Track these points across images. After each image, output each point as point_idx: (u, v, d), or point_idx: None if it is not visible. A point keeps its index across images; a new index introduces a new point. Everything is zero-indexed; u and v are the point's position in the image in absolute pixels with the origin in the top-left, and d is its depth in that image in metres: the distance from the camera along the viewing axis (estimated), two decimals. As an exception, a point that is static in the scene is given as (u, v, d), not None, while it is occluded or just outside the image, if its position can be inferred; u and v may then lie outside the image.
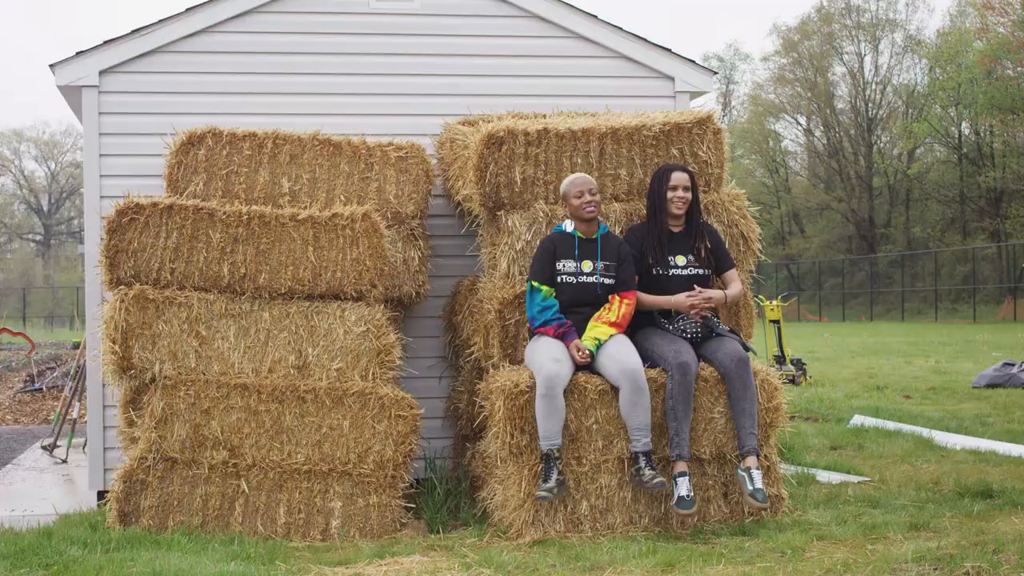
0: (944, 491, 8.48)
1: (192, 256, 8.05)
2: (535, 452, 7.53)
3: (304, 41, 9.37)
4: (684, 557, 6.70)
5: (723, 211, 8.39)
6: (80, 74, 9.02)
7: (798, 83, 69.01)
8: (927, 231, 59.83)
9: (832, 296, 59.49)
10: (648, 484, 7.34)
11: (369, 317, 8.08)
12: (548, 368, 7.38)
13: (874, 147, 64.76)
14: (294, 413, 7.89)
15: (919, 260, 57.85)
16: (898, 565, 6.26)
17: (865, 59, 65.96)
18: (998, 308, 48.05)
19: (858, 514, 7.75)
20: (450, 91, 9.48)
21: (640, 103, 9.43)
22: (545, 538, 7.40)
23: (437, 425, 9.29)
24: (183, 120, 8.88)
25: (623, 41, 9.70)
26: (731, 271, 8.14)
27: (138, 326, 7.87)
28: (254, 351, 8.03)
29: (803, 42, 67.92)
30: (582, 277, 7.79)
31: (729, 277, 8.13)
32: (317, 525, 7.88)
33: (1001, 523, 7.33)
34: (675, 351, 7.61)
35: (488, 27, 9.60)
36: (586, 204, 7.75)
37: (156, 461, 7.85)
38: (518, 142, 8.12)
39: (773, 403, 7.84)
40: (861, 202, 64.02)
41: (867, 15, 65.76)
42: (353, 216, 8.13)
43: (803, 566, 6.41)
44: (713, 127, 8.45)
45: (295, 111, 9.23)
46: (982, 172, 55.81)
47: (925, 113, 60.80)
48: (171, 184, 8.46)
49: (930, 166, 62.37)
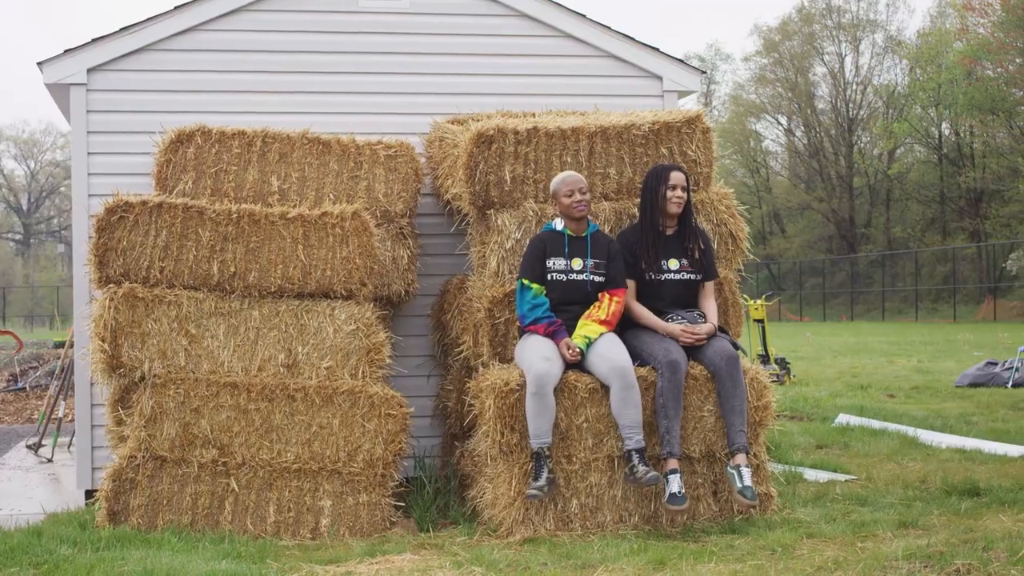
0: (931, 489, 8.52)
1: (182, 254, 8.03)
2: (525, 450, 7.53)
3: (293, 39, 9.36)
4: (675, 555, 6.71)
5: (712, 210, 8.41)
6: (68, 72, 8.99)
7: (779, 83, 69.24)
8: (907, 231, 60.06)
9: (813, 296, 59.67)
10: (643, 480, 7.35)
11: (359, 316, 8.08)
12: (538, 367, 7.39)
13: (855, 147, 64.99)
14: (284, 412, 7.88)
15: (899, 260, 58.06)
16: (888, 563, 6.28)
17: (846, 59, 66.27)
18: (978, 308, 48.29)
19: (847, 512, 7.78)
20: (439, 90, 9.48)
21: (628, 102, 9.45)
22: (535, 536, 7.41)
23: (426, 424, 9.29)
24: (172, 118, 8.87)
25: (611, 40, 9.72)
26: (710, 283, 8.12)
27: (127, 325, 7.85)
28: (244, 349, 8.02)
29: (784, 42, 68.15)
30: (572, 275, 7.80)
31: (707, 290, 8.10)
32: (307, 524, 7.87)
33: (989, 521, 7.36)
34: (665, 349, 7.62)
35: (477, 26, 9.60)
36: (576, 203, 7.76)
37: (145, 460, 7.83)
38: (508, 141, 8.13)
39: (762, 401, 7.86)
40: (841, 202, 64.24)
41: (848, 16, 66.03)
42: (343, 215, 8.13)
43: (794, 564, 6.43)
44: (702, 126, 8.47)
45: (284, 110, 9.22)
46: (962, 172, 56.06)
47: (905, 113, 61.05)
48: (160, 182, 8.44)
49: (910, 166, 62.62)
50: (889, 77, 65.77)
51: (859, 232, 63.38)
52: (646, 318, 7.90)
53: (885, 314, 52.64)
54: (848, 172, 64.64)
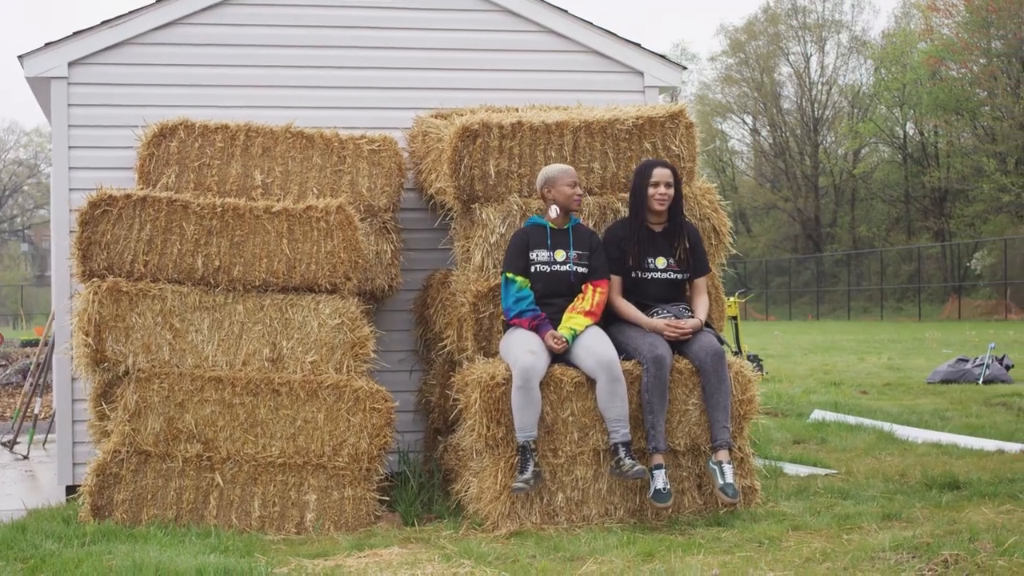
0: (911, 483, 8.58)
1: (166, 248, 8.00)
2: (511, 444, 7.54)
3: (276, 34, 9.33)
4: (663, 547, 6.72)
5: (695, 205, 8.45)
6: (49, 65, 8.94)
7: (745, 83, 69.46)
8: (872, 230, 60.37)
9: (779, 295, 59.92)
10: (629, 474, 7.37)
11: (343, 310, 8.07)
12: (524, 360, 7.40)
13: (820, 147, 65.28)
14: (269, 406, 7.87)
15: (865, 259, 58.37)
16: (876, 554, 6.32)
17: (811, 59, 66.51)
18: (943, 307, 48.58)
19: (830, 505, 7.82)
20: (421, 85, 9.47)
21: (610, 97, 9.46)
22: (521, 530, 7.41)
23: (408, 419, 9.28)
24: (154, 112, 8.83)
25: (593, 36, 9.74)
26: (702, 279, 8.14)
27: (111, 319, 7.82)
28: (228, 344, 8.00)
29: (750, 42, 68.37)
30: (556, 266, 7.82)
31: (698, 286, 8.13)
32: (292, 518, 7.86)
33: (971, 513, 7.42)
34: (650, 344, 7.64)
35: (459, 21, 9.60)
36: (577, 195, 7.82)
37: (130, 455, 7.80)
38: (493, 135, 8.13)
39: (747, 395, 7.89)
40: (807, 201, 64.53)
41: (813, 16, 66.31)
42: (328, 209, 8.11)
43: (783, 555, 6.47)
44: (685, 121, 8.49)
45: (267, 103, 9.19)
46: (927, 172, 56.41)
47: (870, 113, 61.40)
48: (143, 176, 8.40)
49: (875, 166, 63.00)
50: (854, 77, 66.18)
51: (824, 231, 63.69)
52: (630, 314, 7.91)
53: (851, 313, 52.90)
54: (813, 172, 64.94)
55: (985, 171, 48.80)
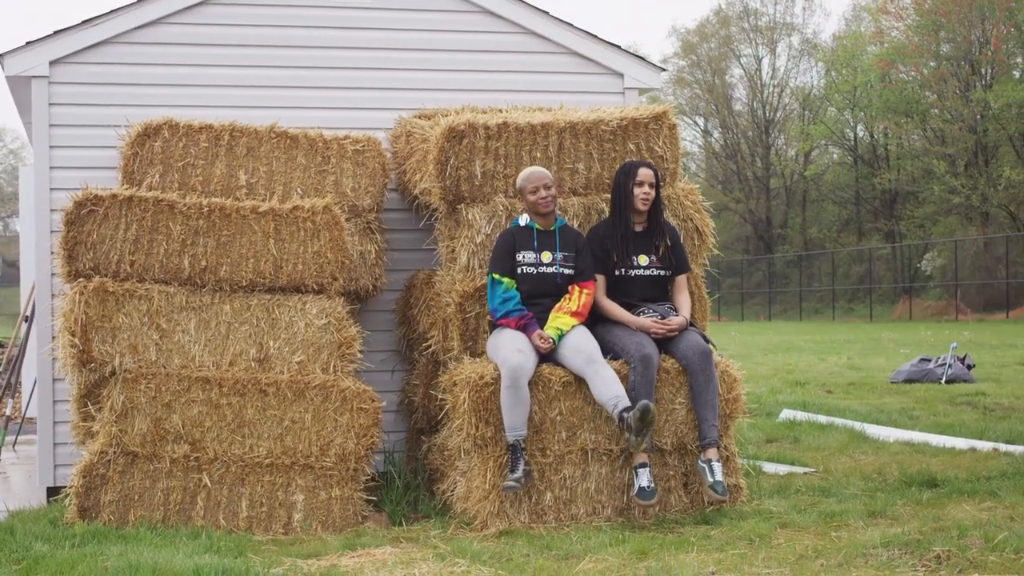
0: (890, 481, 8.67)
1: (152, 248, 7.97)
2: (500, 444, 7.57)
3: (259, 33, 9.30)
4: (655, 546, 6.78)
5: (678, 206, 8.52)
6: (29, 64, 8.86)
7: (696, 85, 69.86)
8: (823, 232, 60.90)
9: (731, 296, 60.26)
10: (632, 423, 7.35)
11: (330, 310, 8.07)
12: (513, 359, 7.44)
13: (771, 149, 65.78)
14: (256, 406, 7.85)
15: (816, 260, 58.86)
16: (867, 550, 6.40)
17: (763, 62, 67.00)
18: (894, 307, 49.12)
19: (814, 503, 7.91)
20: (403, 85, 9.47)
21: (591, 99, 9.52)
22: (510, 529, 7.44)
23: (391, 419, 9.28)
24: (137, 112, 8.78)
25: (574, 37, 9.78)
26: (682, 277, 8.21)
27: (98, 319, 7.77)
28: (215, 344, 7.98)
29: (701, 45, 68.76)
30: (542, 268, 7.86)
31: (680, 284, 8.20)
32: (279, 519, 7.85)
33: (953, 510, 7.53)
34: (637, 343, 7.69)
35: (443, 22, 9.61)
36: (541, 199, 7.82)
37: (116, 455, 7.76)
38: (478, 136, 8.16)
39: (733, 394, 7.98)
40: (759, 203, 64.98)
41: (764, 18, 66.79)
42: (314, 209, 8.11)
43: (775, 552, 6.53)
44: (668, 122, 8.57)
45: (252, 104, 9.16)
46: (877, 174, 56.96)
47: (821, 116, 61.88)
48: (126, 176, 8.35)
49: (826, 168, 63.55)
50: (805, 80, 66.74)
51: (776, 233, 64.15)
52: (616, 313, 7.96)
53: (802, 314, 53.33)
54: (765, 173, 65.41)
55: (935, 173, 49.37)
